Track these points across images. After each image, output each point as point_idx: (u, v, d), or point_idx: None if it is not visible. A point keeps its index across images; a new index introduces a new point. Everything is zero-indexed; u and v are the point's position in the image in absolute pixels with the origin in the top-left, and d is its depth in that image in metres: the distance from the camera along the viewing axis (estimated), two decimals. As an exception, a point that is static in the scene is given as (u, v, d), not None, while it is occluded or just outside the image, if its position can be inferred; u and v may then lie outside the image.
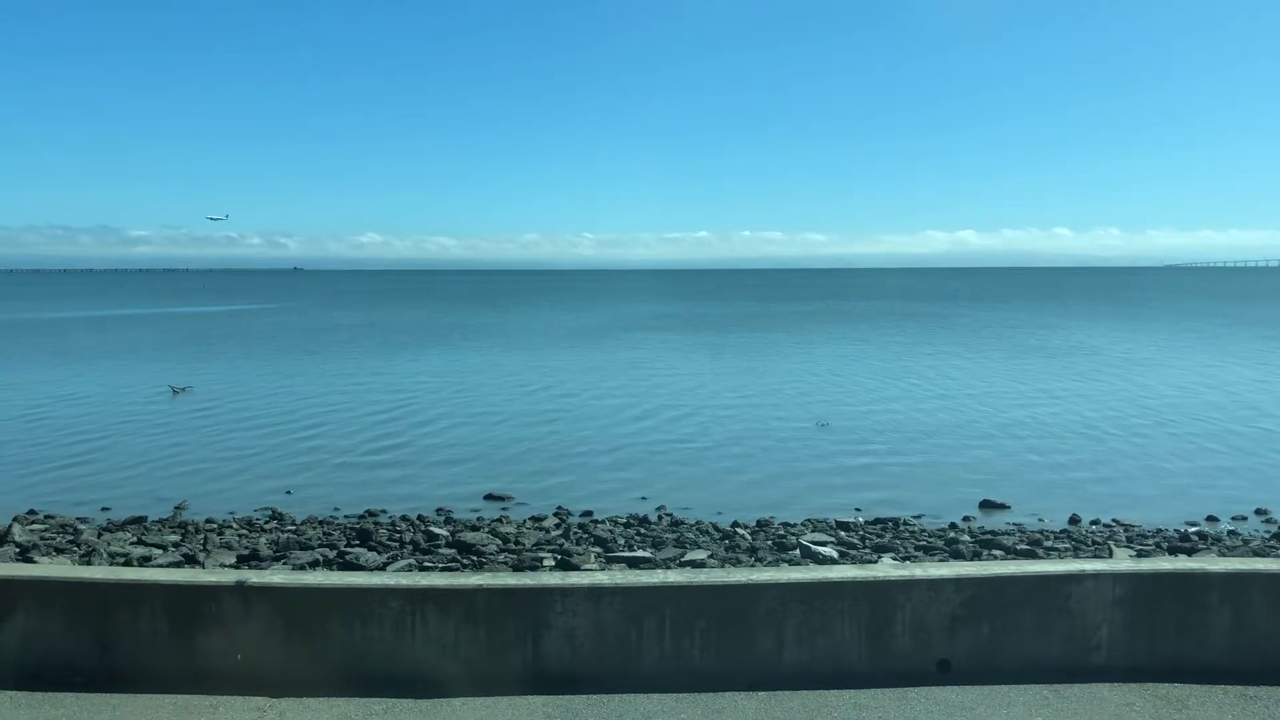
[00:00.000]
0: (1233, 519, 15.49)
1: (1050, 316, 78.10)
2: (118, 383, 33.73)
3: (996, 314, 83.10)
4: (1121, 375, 34.94)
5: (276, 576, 7.12)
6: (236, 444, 21.97)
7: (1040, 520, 15.40)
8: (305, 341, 53.97)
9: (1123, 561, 8.15)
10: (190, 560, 12.54)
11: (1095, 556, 12.58)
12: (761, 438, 22.55)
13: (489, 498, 16.99)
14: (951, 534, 14.30)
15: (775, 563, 12.46)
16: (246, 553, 12.97)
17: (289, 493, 17.35)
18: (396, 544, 13.58)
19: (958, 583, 6.80)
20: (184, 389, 30.95)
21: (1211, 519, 15.46)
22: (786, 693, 6.50)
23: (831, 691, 6.51)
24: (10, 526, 14.27)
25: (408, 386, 32.63)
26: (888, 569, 7.27)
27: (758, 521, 15.00)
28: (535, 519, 15.26)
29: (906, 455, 20.53)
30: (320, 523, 15.07)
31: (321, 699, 6.42)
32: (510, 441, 22.28)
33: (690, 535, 14.10)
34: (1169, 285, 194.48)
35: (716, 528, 14.60)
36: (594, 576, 7.06)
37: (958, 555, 12.95)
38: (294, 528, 14.72)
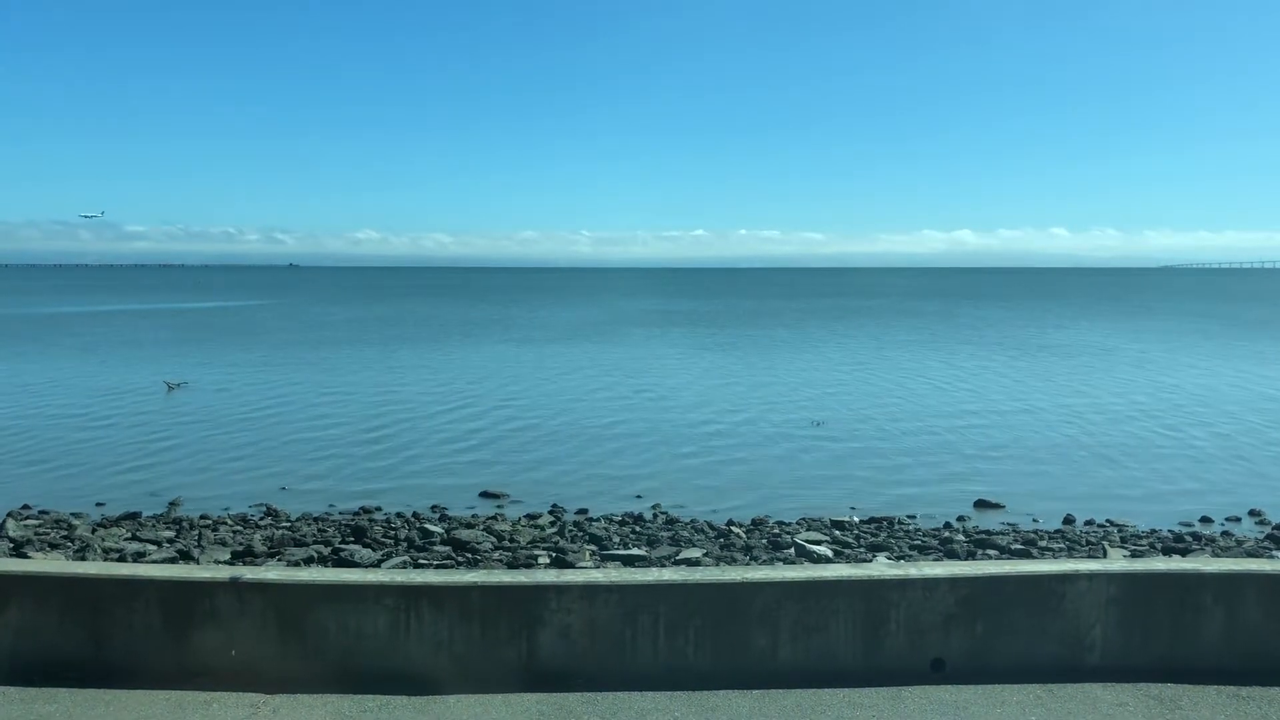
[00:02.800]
0: (1227, 520, 15.52)
1: (1048, 316, 78.22)
2: (112, 378, 33.66)
3: (992, 313, 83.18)
4: (1117, 376, 35.00)
5: (271, 573, 7.12)
6: (231, 440, 21.94)
7: (1035, 520, 15.42)
8: (300, 338, 53.90)
9: (1117, 562, 8.17)
10: (185, 556, 12.53)
11: (1089, 557, 12.61)
12: (757, 436, 22.57)
13: (484, 495, 16.99)
14: (946, 533, 14.32)
15: (770, 561, 12.47)
16: (241, 549, 12.96)
17: (284, 489, 17.34)
18: (391, 541, 13.57)
19: (952, 582, 6.81)
20: (179, 385, 30.89)
21: (1205, 520, 15.50)
22: (781, 691, 6.50)
23: (826, 690, 6.52)
24: (4, 522, 14.25)
25: (403, 382, 32.61)
26: (882, 568, 7.28)
27: (753, 520, 15.00)
28: (530, 517, 15.26)
29: (901, 454, 20.54)
30: (315, 519, 15.06)
31: (315, 695, 6.42)
32: (506, 439, 22.27)
33: (685, 533, 14.11)
34: (1166, 286, 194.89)
35: (711, 526, 14.61)
36: (589, 574, 7.07)
37: (952, 555, 12.97)
38: (289, 524, 14.71)
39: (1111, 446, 21.40)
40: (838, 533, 14.20)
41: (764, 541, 13.59)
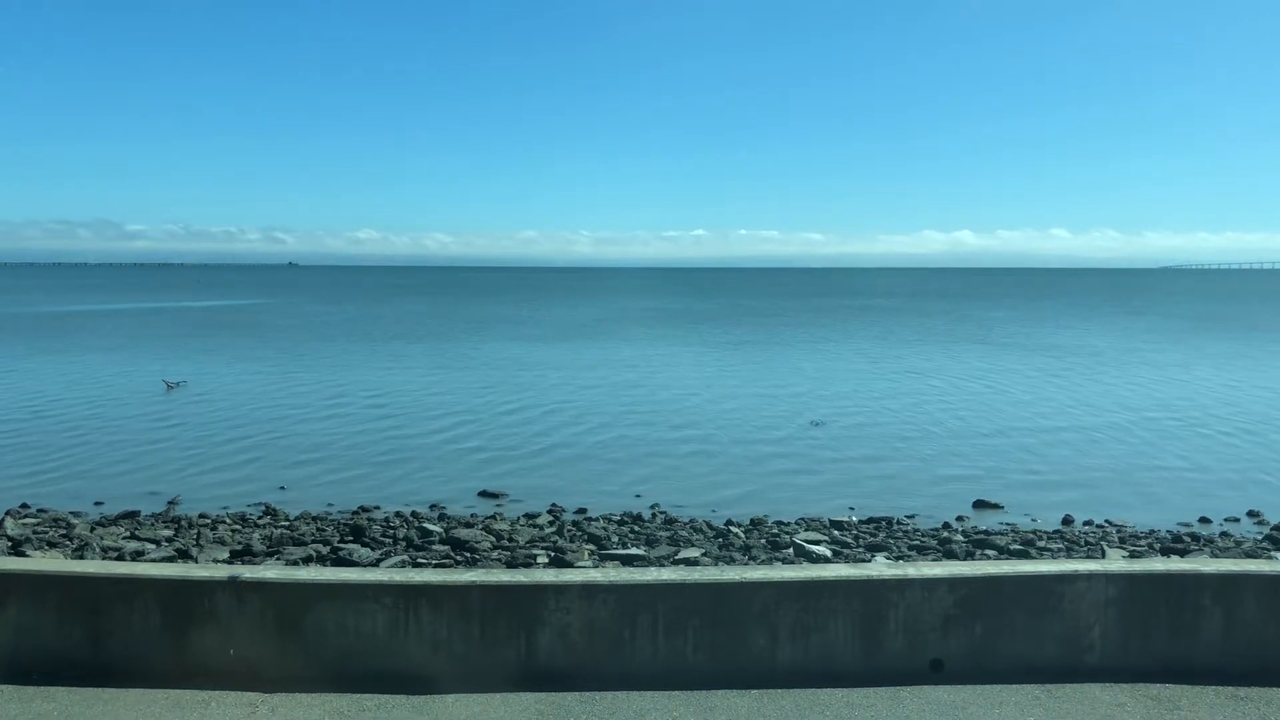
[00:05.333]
0: (1225, 520, 15.52)
1: (1049, 317, 78.21)
2: (111, 377, 33.65)
3: (993, 313, 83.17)
4: (1115, 376, 35.01)
5: (269, 572, 7.12)
6: (230, 439, 21.93)
7: (1033, 520, 15.43)
8: (299, 337, 53.87)
9: (1116, 562, 8.17)
10: (183, 555, 12.53)
11: (1088, 557, 12.61)
12: (756, 436, 22.56)
13: (483, 495, 16.98)
14: (945, 534, 14.32)
15: (769, 561, 12.48)
16: (240, 548, 12.96)
17: (283, 488, 17.33)
18: (390, 540, 13.57)
19: (951, 582, 6.81)
20: (178, 384, 30.88)
21: (1204, 520, 15.50)
22: (779, 691, 6.50)
23: (824, 690, 6.52)
24: (2, 520, 14.24)
25: (401, 381, 32.59)
26: (881, 568, 7.28)
27: (751, 520, 15.00)
28: (529, 516, 15.25)
29: (900, 454, 20.55)
30: (314, 518, 15.06)
31: (314, 694, 6.42)
32: (505, 438, 22.26)
33: (684, 533, 14.10)
34: (1168, 287, 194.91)
35: (710, 526, 14.60)
36: (588, 574, 7.07)
37: (951, 555, 12.97)
38: (287, 523, 14.70)
39: (1110, 447, 21.40)
40: (836, 533, 14.20)
41: (763, 541, 13.59)
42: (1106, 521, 15.19)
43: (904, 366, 38.50)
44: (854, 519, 15.12)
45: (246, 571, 6.94)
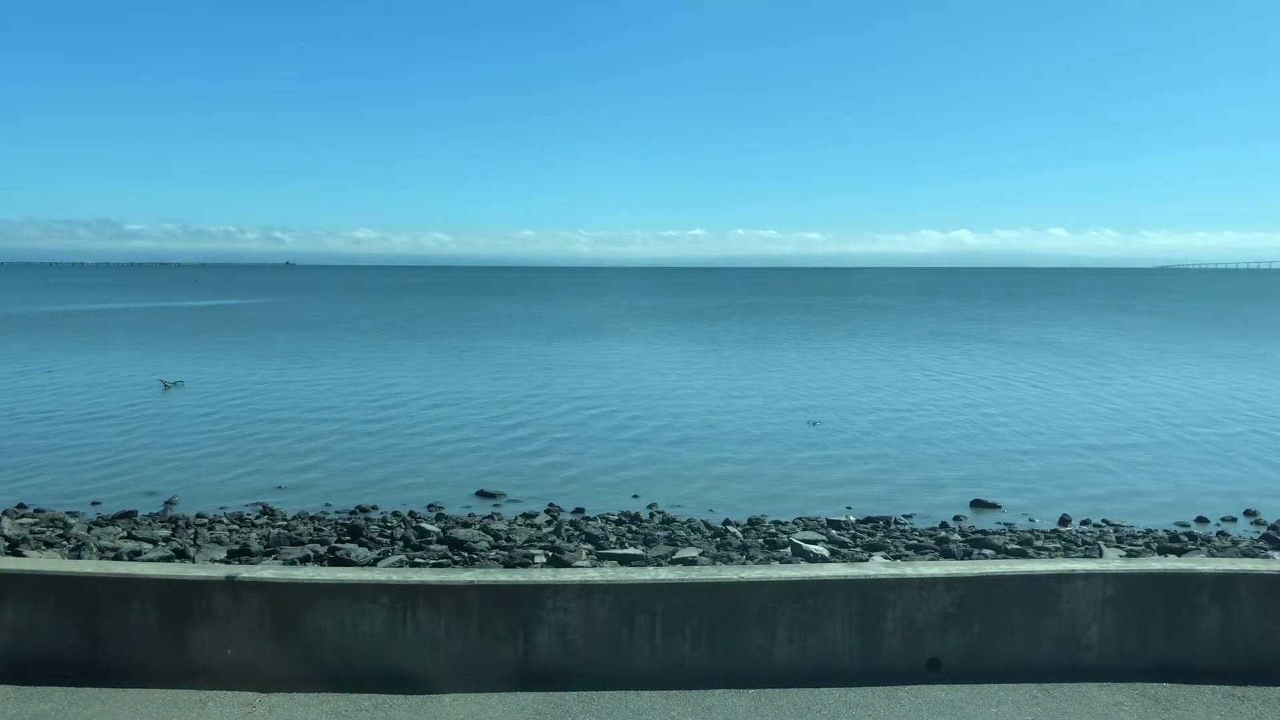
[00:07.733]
0: (1222, 520, 15.53)
1: (1048, 316, 78.24)
2: (109, 377, 33.62)
3: (993, 311, 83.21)
4: (1113, 376, 35.04)
5: (267, 571, 7.11)
6: (227, 439, 21.91)
7: (1031, 520, 15.44)
8: (298, 336, 53.83)
9: (1113, 561, 8.18)
10: (181, 555, 12.52)
11: (1086, 556, 12.62)
12: (753, 435, 22.56)
13: (480, 494, 16.98)
14: (942, 533, 14.33)
15: (766, 561, 12.48)
16: (237, 548, 12.95)
17: (280, 488, 17.32)
18: (387, 540, 13.57)
19: (948, 582, 6.82)
20: (175, 384, 30.84)
21: (1201, 520, 15.51)
22: (777, 690, 6.51)
23: (822, 689, 6.53)
24: None
25: (399, 381, 32.57)
26: (879, 567, 7.29)
27: (749, 519, 15.01)
28: (527, 516, 15.25)
29: (898, 454, 20.55)
30: (311, 518, 15.05)
31: (312, 694, 6.42)
32: (502, 438, 22.26)
33: (682, 533, 14.11)
34: (1167, 286, 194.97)
35: (708, 525, 14.61)
36: (585, 573, 7.07)
37: (948, 554, 12.98)
38: (285, 523, 14.69)
39: (1108, 446, 21.42)
40: (834, 532, 14.21)
41: (760, 541, 13.59)
42: (1104, 521, 15.20)
43: (903, 365, 38.51)
44: (851, 518, 15.13)
45: (244, 571, 6.94)
